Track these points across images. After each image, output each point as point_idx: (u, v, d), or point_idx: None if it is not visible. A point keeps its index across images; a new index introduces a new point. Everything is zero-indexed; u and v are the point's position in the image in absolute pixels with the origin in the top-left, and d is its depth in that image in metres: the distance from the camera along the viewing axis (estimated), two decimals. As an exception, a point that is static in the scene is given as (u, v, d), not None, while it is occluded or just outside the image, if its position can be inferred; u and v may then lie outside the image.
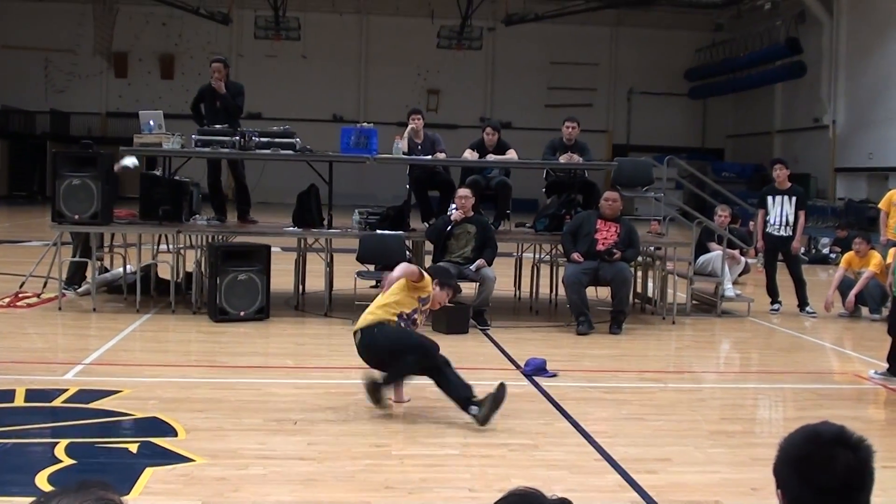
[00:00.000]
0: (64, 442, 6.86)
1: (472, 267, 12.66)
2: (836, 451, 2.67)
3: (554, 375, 9.83)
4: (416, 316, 8.27)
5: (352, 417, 7.92)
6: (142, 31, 46.24)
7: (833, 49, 39.63)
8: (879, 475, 2.77)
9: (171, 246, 13.97)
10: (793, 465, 2.71)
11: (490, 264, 12.83)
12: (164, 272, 14.05)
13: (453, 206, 13.37)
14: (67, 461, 6.46)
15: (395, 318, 8.09)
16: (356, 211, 14.17)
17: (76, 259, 13.96)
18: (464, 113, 45.54)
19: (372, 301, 8.41)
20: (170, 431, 7.25)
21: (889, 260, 12.58)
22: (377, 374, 8.02)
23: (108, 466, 6.46)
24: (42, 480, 6.03)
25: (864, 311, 14.96)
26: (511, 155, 14.37)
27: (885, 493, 5.62)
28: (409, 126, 14.48)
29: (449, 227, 12.93)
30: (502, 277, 13.60)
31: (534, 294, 14.63)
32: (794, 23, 41.65)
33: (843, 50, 39.23)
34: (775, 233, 15.18)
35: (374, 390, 7.97)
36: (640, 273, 15.08)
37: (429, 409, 8.31)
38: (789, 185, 15.37)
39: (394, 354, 7.94)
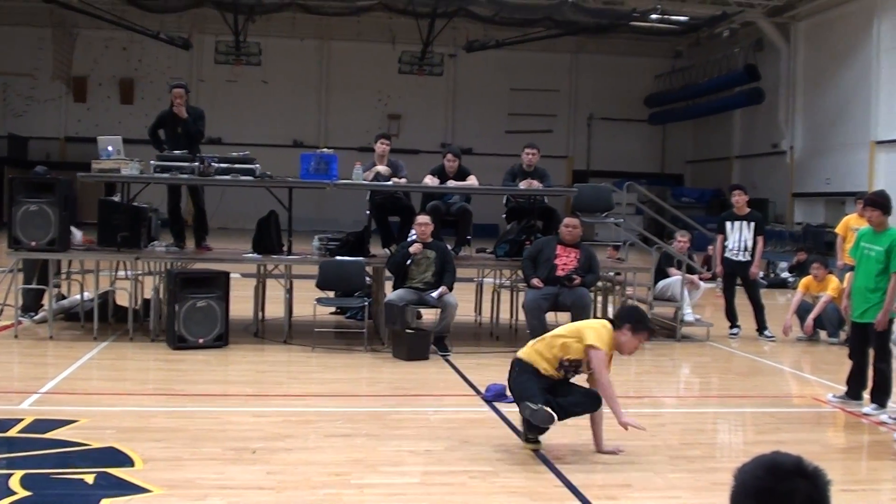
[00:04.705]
0: (19, 473, 6.75)
1: (435, 294, 12.63)
2: (797, 482, 2.68)
3: (514, 401, 9.81)
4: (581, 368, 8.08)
5: (311, 446, 7.87)
6: (101, 55, 46.05)
7: (790, 76, 40.04)
8: (838, 498, 2.78)
9: (129, 272, 13.87)
10: (754, 497, 2.70)
11: (451, 289, 12.82)
12: (122, 299, 13.96)
13: (413, 232, 13.36)
14: (22, 493, 6.35)
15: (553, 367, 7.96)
16: (316, 237, 14.14)
17: (32, 286, 13.84)
18: (425, 138, 45.57)
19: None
20: (127, 461, 7.17)
21: (846, 284, 12.66)
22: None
23: (64, 498, 6.38)
24: (-4, 512, 5.96)
25: (823, 334, 15.07)
26: (471, 181, 14.39)
27: (843, 518, 5.67)
28: (377, 151, 14.53)
29: (409, 262, 12.89)
30: (463, 303, 13.59)
31: (494, 319, 14.62)
32: (752, 50, 42.08)
33: (800, 76, 39.66)
34: (734, 258, 15.27)
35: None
36: (599, 298, 15.11)
37: (388, 438, 8.27)
38: (748, 210, 15.48)
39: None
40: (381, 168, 14.36)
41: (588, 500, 6.67)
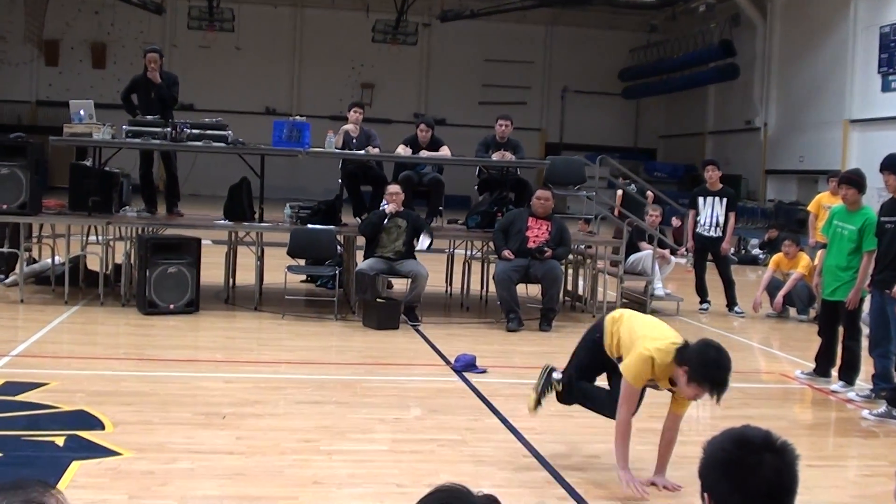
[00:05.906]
0: (-12, 434, 6.76)
1: (423, 245, 12.75)
2: (765, 455, 2.71)
3: (484, 371, 9.87)
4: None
5: (280, 412, 7.89)
6: (74, 18, 45.59)
7: (766, 52, 40.01)
8: (805, 474, 2.81)
9: (100, 237, 13.81)
10: (721, 469, 2.73)
11: (431, 241, 12.93)
12: (93, 264, 13.90)
13: (385, 202, 13.34)
14: (-8, 454, 6.36)
15: None
16: (287, 205, 14.10)
17: (3, 250, 13.77)
18: (398, 108, 45.36)
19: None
20: (97, 425, 7.18)
21: (817, 262, 12.73)
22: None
23: (35, 460, 6.39)
24: (-35, 473, 5.94)
25: (792, 311, 15.14)
26: (444, 151, 14.36)
27: (809, 491, 5.71)
28: (350, 119, 14.46)
29: (385, 220, 12.87)
30: (434, 273, 13.60)
31: (465, 290, 14.64)
32: (727, 25, 41.99)
33: (775, 53, 39.63)
34: (705, 233, 15.31)
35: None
36: (570, 271, 15.15)
37: (358, 405, 8.30)
38: (720, 186, 15.52)
39: None
40: (349, 126, 14.31)
41: (555, 470, 6.72)
